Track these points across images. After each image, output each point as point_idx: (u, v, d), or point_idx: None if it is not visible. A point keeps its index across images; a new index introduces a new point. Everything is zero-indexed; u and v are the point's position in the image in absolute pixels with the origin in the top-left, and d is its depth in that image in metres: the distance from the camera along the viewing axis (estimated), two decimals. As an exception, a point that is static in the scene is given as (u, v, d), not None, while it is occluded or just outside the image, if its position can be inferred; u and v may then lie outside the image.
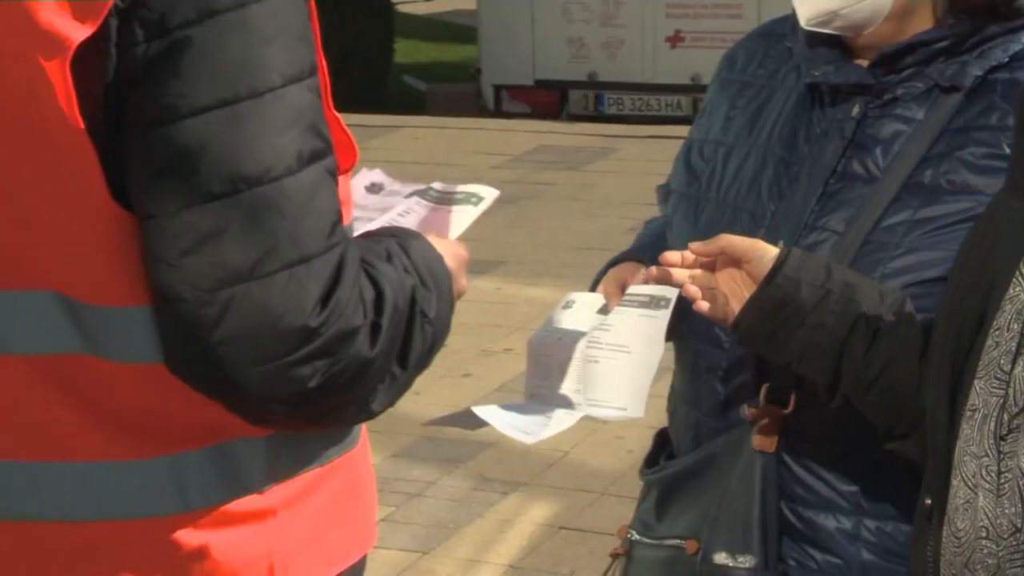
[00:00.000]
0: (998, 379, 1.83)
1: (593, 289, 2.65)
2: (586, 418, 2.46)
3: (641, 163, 11.11)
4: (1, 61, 1.80)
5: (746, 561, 2.50)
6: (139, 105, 1.78)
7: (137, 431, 1.87)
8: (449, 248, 2.13)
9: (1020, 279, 1.86)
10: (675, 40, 12.89)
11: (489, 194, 2.39)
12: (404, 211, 2.36)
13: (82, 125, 1.76)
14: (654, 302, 2.43)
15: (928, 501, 1.98)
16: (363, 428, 2.16)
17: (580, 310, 2.55)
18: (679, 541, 2.57)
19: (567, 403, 2.51)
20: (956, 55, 2.47)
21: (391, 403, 2.01)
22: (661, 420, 2.78)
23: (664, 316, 2.38)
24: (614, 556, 2.75)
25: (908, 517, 2.36)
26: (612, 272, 2.64)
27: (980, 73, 2.44)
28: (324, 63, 1.95)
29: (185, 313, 1.77)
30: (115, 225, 1.82)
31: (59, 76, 1.75)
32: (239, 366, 1.79)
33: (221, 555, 1.94)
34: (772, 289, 2.18)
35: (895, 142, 2.49)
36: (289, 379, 1.82)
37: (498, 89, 13.53)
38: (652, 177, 11.08)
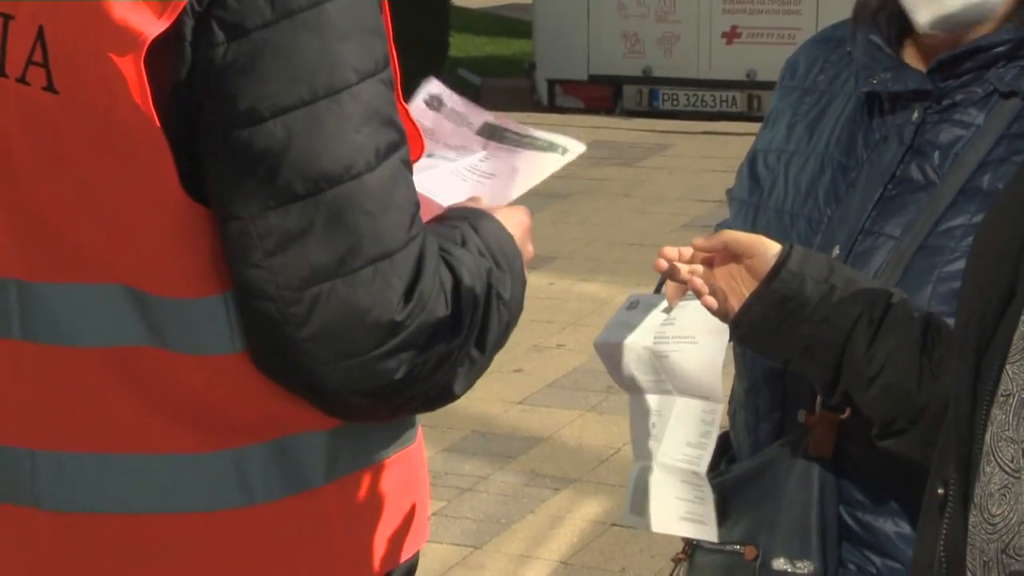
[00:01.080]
0: (1014, 405, 1.80)
1: (659, 290, 2.63)
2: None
3: (695, 159, 11.14)
4: (77, 57, 1.81)
5: (805, 567, 2.51)
6: (219, 107, 1.80)
7: (201, 424, 1.89)
8: (514, 217, 2.15)
9: None
10: (731, 36, 12.86)
11: (575, 147, 2.39)
12: (484, 157, 2.38)
13: (156, 120, 1.78)
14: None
15: (941, 491, 1.92)
16: (419, 426, 2.17)
17: (643, 311, 2.55)
18: (738, 547, 2.57)
19: (661, 391, 2.54)
20: (1016, 59, 2.46)
21: (470, 385, 2.03)
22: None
23: None
24: (676, 560, 2.74)
25: None
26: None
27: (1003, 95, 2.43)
28: (395, 53, 1.96)
29: (272, 311, 1.80)
30: (185, 218, 1.83)
31: (132, 71, 1.76)
32: (325, 362, 1.82)
33: (280, 549, 1.96)
34: (777, 284, 2.18)
35: (954, 147, 2.48)
36: (375, 373, 1.84)
37: (552, 84, 13.51)
38: (706, 174, 11.14)
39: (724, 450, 2.68)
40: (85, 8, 1.79)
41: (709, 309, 2.28)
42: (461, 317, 1.93)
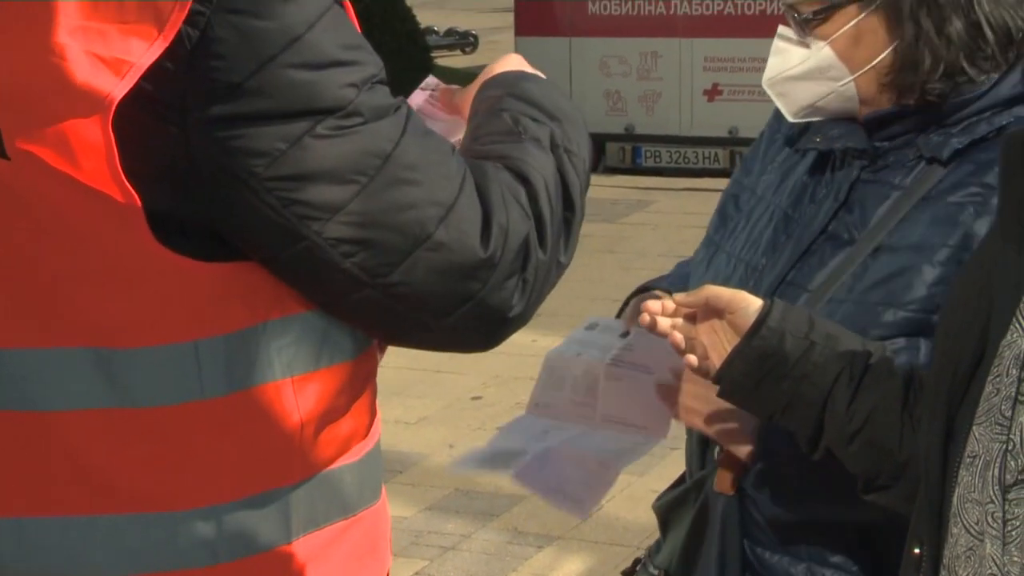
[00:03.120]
0: (1000, 425, 1.82)
1: (619, 317, 2.68)
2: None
3: (677, 216, 11.23)
4: (32, 123, 1.81)
5: None
6: (227, 158, 1.82)
7: (167, 483, 1.88)
8: (518, 61, 2.29)
9: (1017, 325, 1.85)
10: (713, 93, 12.97)
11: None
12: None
13: (123, 178, 1.78)
14: None
15: (917, 550, 1.96)
16: (382, 484, 2.16)
17: (603, 332, 2.60)
18: (658, 571, 2.69)
19: (578, 417, 2.57)
20: (944, 125, 2.49)
21: (575, 246, 2.12)
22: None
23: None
24: (624, 573, 2.83)
25: (859, 569, 2.51)
26: (635, 300, 2.65)
27: (959, 147, 2.45)
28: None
29: (377, 296, 1.89)
30: (156, 269, 1.83)
31: (99, 133, 1.77)
32: (447, 316, 1.94)
33: None
34: (757, 340, 2.19)
35: (878, 207, 2.51)
36: (495, 305, 1.94)
37: None
38: (688, 230, 11.13)
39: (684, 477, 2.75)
40: (44, 76, 1.79)
41: (689, 366, 2.29)
42: (543, 218, 1.99)
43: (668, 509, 2.74)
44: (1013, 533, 1.78)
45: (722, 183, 10.94)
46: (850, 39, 2.52)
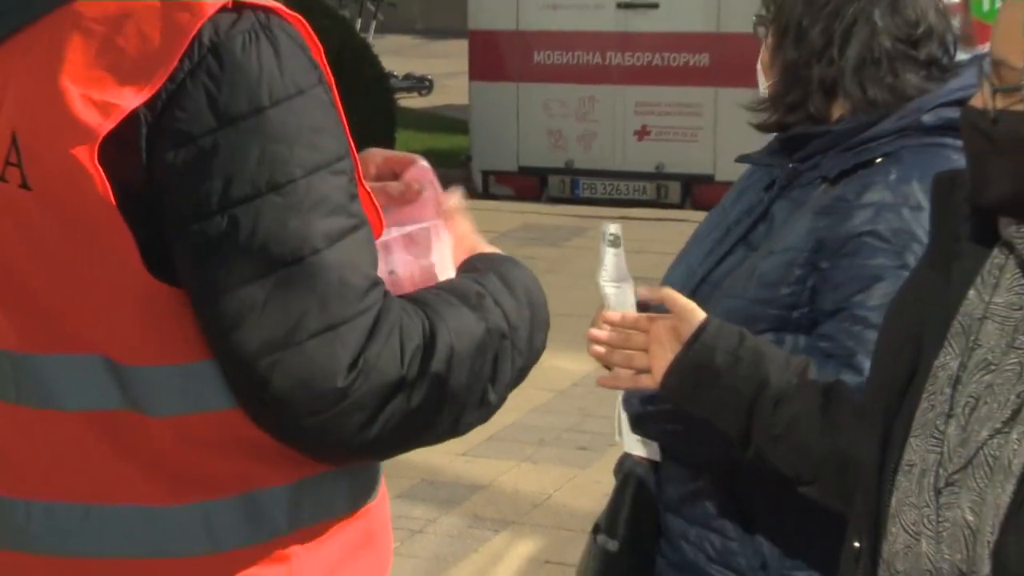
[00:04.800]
0: (935, 437, 1.83)
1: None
2: None
3: None
4: (44, 155, 1.80)
5: (614, 546, 2.63)
6: (174, 203, 1.79)
7: (172, 479, 1.85)
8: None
9: (950, 347, 1.86)
10: (642, 134, 12.89)
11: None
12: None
13: (116, 210, 1.77)
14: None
15: (857, 544, 1.95)
16: (383, 482, 2.13)
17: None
18: (600, 535, 2.71)
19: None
20: (845, 149, 2.47)
21: (481, 421, 2.00)
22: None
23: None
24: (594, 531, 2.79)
25: (744, 535, 2.50)
26: None
27: (845, 167, 2.45)
28: (353, 145, 1.92)
29: (241, 377, 1.80)
30: (148, 296, 1.81)
31: (90, 164, 1.75)
32: (295, 418, 1.80)
33: None
34: (691, 353, 2.19)
35: (783, 220, 2.51)
36: (338, 429, 1.81)
37: (486, 174, 13.45)
38: (626, 255, 11.02)
39: None
40: (50, 110, 1.79)
41: (641, 385, 2.33)
42: (428, 372, 1.85)
43: (616, 473, 2.78)
44: (944, 534, 1.79)
45: (650, 212, 11.02)
46: (766, 54, 2.59)
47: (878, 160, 2.44)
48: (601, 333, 2.40)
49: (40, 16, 1.83)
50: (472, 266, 2.08)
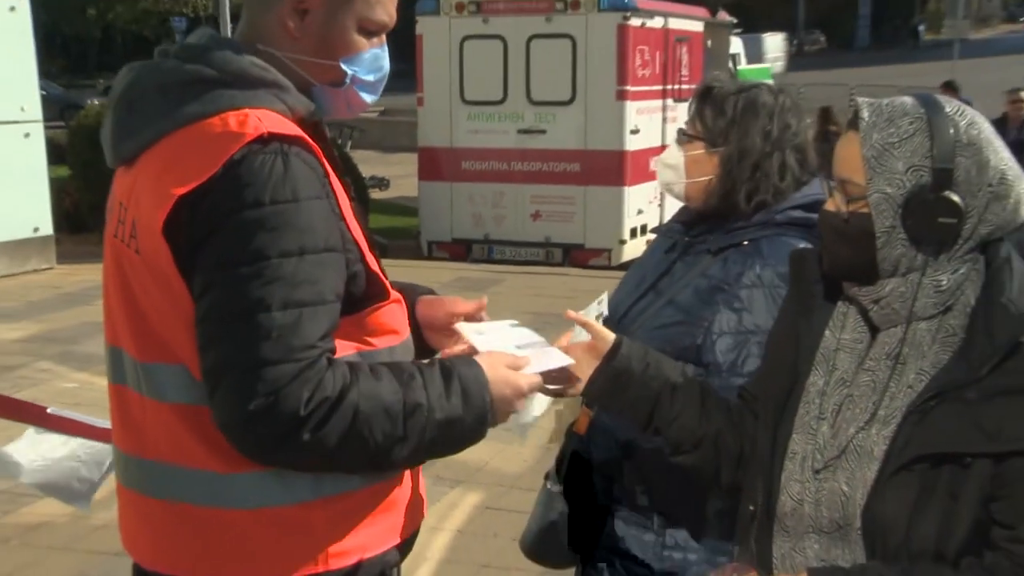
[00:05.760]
0: (810, 434, 1.81)
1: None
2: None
3: (518, 289, 11.03)
4: (146, 234, 1.75)
5: (558, 489, 2.53)
6: (200, 260, 1.71)
7: (226, 454, 1.75)
8: (503, 374, 1.88)
9: (816, 371, 1.84)
10: (536, 216, 12.78)
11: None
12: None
13: (175, 265, 1.71)
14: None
15: (752, 507, 1.91)
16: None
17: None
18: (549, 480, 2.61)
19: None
20: (727, 231, 2.38)
21: (399, 464, 1.83)
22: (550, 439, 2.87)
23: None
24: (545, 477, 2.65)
25: (642, 480, 2.40)
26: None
27: (723, 245, 2.37)
28: (359, 236, 1.80)
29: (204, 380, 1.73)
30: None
31: (160, 237, 1.72)
32: (223, 422, 1.71)
33: (276, 544, 1.81)
34: (614, 363, 2.05)
35: (677, 275, 2.43)
36: (249, 439, 1.70)
37: (430, 244, 13.21)
38: (525, 298, 10.98)
39: None
40: (148, 203, 1.74)
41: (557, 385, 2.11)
42: (329, 419, 1.67)
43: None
44: (823, 500, 1.77)
45: (541, 270, 11.00)
46: (693, 160, 2.40)
47: (745, 243, 2.35)
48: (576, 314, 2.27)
49: (159, 139, 1.76)
50: (442, 360, 1.90)
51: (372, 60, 1.86)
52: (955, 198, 1.66)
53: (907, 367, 1.72)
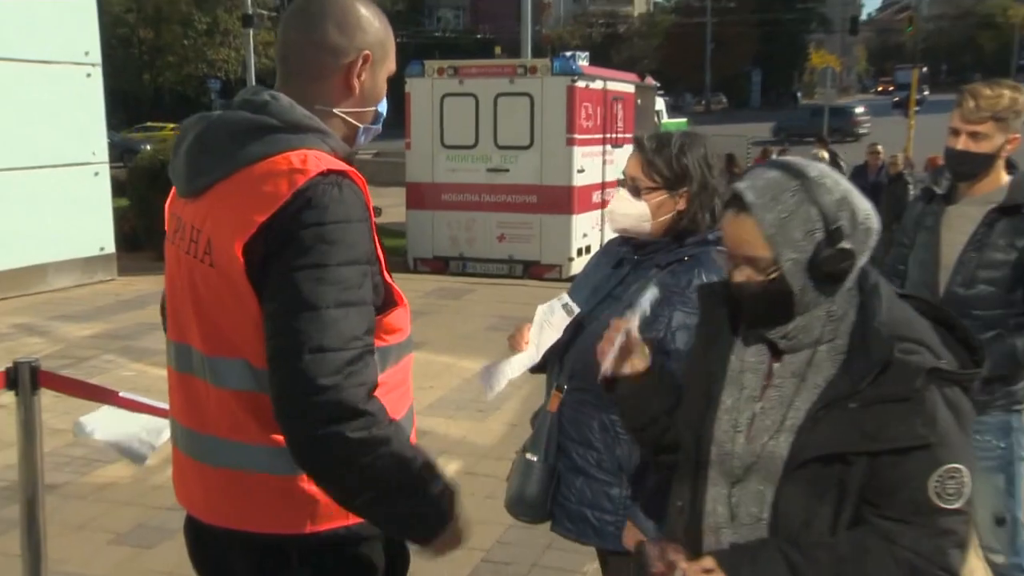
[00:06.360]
0: (727, 444, 1.73)
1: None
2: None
3: (488, 295, 11.00)
4: (222, 250, 1.72)
5: (533, 457, 2.45)
6: (272, 268, 1.68)
7: (275, 431, 1.71)
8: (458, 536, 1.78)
9: (728, 390, 1.76)
10: (501, 238, 12.72)
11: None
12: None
13: (246, 277, 1.69)
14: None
15: (680, 503, 1.84)
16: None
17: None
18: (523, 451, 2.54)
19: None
20: (670, 250, 2.36)
21: (352, 495, 1.69)
22: (515, 418, 2.67)
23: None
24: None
25: (608, 448, 2.34)
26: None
27: (665, 263, 2.35)
28: (380, 254, 1.76)
29: (270, 366, 1.68)
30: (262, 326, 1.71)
31: (239, 253, 1.69)
32: (284, 401, 1.65)
33: (302, 502, 1.77)
34: (653, 376, 1.92)
35: (631, 285, 2.37)
36: (308, 414, 1.63)
37: (416, 260, 13.09)
38: (493, 304, 11.01)
39: None
40: (226, 225, 1.72)
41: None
42: (378, 418, 1.63)
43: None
44: (742, 498, 1.71)
45: (506, 282, 10.95)
46: (658, 204, 2.35)
47: (686, 258, 2.34)
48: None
49: (230, 175, 1.74)
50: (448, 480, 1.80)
51: (385, 101, 1.92)
52: (848, 246, 1.62)
53: (807, 383, 1.67)
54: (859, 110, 43.55)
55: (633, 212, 2.38)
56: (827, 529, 1.62)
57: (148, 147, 16.13)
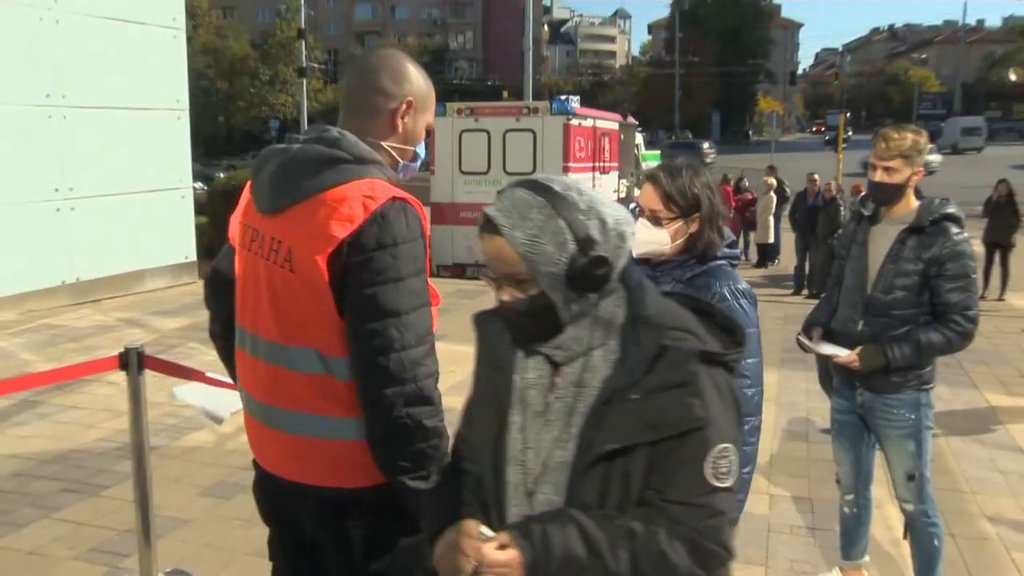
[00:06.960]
0: (520, 463, 1.48)
1: None
2: None
3: None
4: (303, 258, 1.70)
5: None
6: (351, 280, 1.66)
7: (341, 403, 1.72)
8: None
9: (515, 408, 1.51)
10: None
11: None
12: None
13: (327, 283, 1.66)
14: None
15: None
16: None
17: None
18: None
19: None
20: (682, 268, 2.25)
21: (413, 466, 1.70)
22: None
23: None
24: None
25: None
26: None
27: (682, 279, 2.22)
28: (428, 255, 1.75)
29: (359, 362, 1.69)
30: (336, 323, 1.70)
31: (323, 263, 1.67)
32: (374, 386, 1.68)
33: (361, 462, 1.74)
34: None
35: None
36: (386, 401, 1.68)
37: (438, 266, 13.03)
38: None
39: None
40: (308, 238, 1.69)
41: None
42: (431, 432, 1.68)
43: None
44: (537, 506, 1.45)
45: None
46: (676, 231, 2.22)
47: (697, 276, 2.22)
48: None
49: (308, 198, 1.72)
50: None
51: (423, 145, 1.92)
52: (600, 253, 1.40)
53: (587, 388, 1.43)
54: (705, 145, 45.11)
55: (655, 239, 2.25)
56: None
57: (220, 175, 16.35)
